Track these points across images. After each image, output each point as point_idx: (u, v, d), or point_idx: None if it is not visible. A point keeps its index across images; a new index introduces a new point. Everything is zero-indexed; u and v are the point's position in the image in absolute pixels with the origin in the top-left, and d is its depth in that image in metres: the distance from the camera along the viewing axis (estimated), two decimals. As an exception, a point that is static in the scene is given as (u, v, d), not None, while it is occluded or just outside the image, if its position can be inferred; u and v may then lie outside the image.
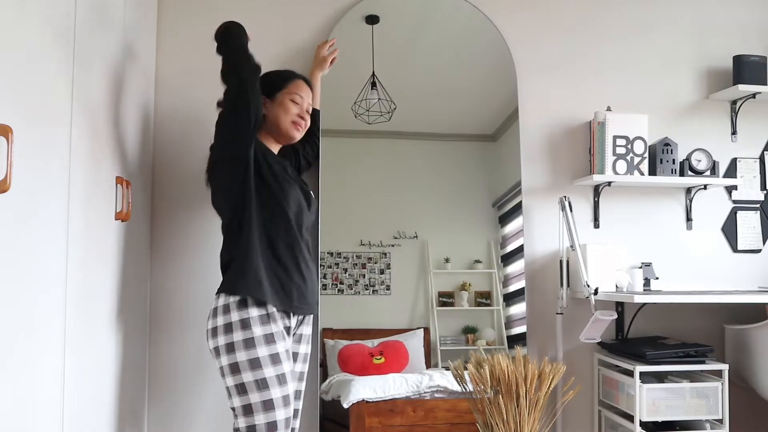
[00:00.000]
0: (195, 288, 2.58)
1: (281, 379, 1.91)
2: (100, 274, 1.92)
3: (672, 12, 3.03)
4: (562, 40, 2.95)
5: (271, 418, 1.88)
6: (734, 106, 3.02)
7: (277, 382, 1.90)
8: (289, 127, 2.17)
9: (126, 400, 2.21)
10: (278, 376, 1.90)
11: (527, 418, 2.28)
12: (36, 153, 1.42)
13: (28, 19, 1.37)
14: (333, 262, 2.72)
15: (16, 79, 1.32)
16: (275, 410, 1.88)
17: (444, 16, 2.88)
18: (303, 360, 2.16)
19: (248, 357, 1.89)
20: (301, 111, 2.18)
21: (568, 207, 2.68)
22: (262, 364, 1.89)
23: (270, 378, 1.89)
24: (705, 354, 2.59)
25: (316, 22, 2.77)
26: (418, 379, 2.59)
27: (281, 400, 1.90)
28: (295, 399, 2.06)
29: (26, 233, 1.38)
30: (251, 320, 1.92)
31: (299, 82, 2.22)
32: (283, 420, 1.90)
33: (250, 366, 1.89)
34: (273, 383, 1.89)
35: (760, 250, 3.03)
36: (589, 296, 2.55)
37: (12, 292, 1.32)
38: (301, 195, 2.13)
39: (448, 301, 2.80)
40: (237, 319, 1.92)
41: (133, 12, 2.26)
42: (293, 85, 2.19)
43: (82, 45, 1.70)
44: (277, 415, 1.88)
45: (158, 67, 2.66)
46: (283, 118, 2.16)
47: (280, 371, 1.91)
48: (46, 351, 1.52)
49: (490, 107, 2.90)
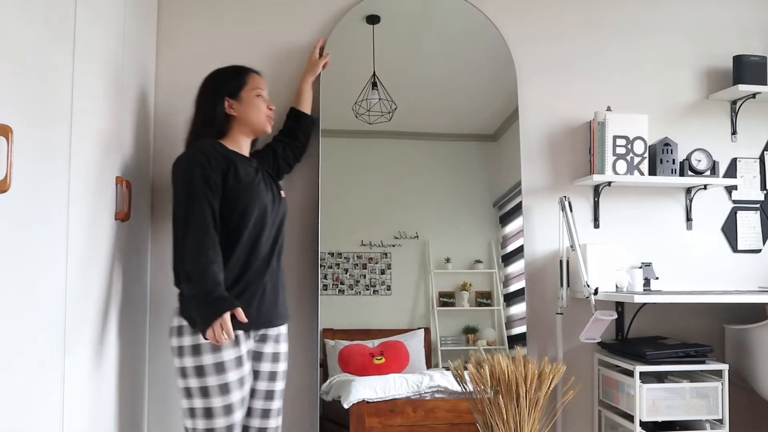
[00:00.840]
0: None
1: (227, 410, 1.95)
2: (100, 274, 1.92)
3: (672, 12, 3.03)
4: (562, 41, 2.95)
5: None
6: (734, 106, 3.02)
7: (223, 412, 1.95)
8: (264, 123, 2.22)
9: (126, 400, 2.21)
10: (225, 406, 1.94)
11: (527, 418, 2.28)
12: (36, 153, 1.42)
13: (28, 19, 1.37)
14: (334, 262, 2.72)
15: (16, 79, 1.32)
16: None
17: (444, 16, 2.87)
18: (268, 378, 2.14)
19: (198, 384, 1.94)
20: (268, 104, 2.24)
21: (568, 207, 2.68)
22: (210, 393, 1.94)
23: (216, 408, 1.94)
24: (705, 354, 2.59)
25: (316, 22, 2.77)
26: (419, 380, 2.59)
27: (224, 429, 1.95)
28: (262, 418, 2.12)
29: (26, 233, 1.38)
30: (202, 347, 1.95)
31: (255, 75, 2.25)
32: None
33: (200, 393, 1.94)
34: (219, 413, 1.94)
35: (760, 250, 3.03)
36: (589, 296, 2.55)
37: (12, 291, 1.32)
38: (269, 199, 2.13)
39: (449, 301, 2.79)
40: (188, 344, 1.96)
41: (133, 12, 2.26)
42: (252, 80, 2.22)
43: (82, 45, 1.70)
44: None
45: (158, 67, 2.66)
46: (255, 115, 2.19)
47: (228, 401, 1.95)
48: (46, 351, 1.51)
49: (490, 107, 2.90)
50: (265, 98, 2.23)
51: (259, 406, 2.13)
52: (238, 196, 2.04)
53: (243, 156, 2.17)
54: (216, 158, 2.03)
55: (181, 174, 2.02)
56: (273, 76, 2.72)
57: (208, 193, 1.97)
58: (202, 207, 1.96)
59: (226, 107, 2.16)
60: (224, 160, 2.06)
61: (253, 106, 2.18)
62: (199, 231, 1.94)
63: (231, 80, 2.19)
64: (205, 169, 1.99)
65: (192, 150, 2.08)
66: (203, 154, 2.02)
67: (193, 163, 2.01)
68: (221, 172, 2.03)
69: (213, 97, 2.17)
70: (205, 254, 1.92)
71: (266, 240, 2.10)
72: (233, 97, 2.17)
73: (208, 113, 2.16)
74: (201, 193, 1.97)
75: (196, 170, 1.99)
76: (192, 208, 1.96)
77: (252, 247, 2.06)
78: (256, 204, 2.07)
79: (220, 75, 2.22)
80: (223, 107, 2.15)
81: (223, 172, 2.03)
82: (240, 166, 2.09)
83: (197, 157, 2.02)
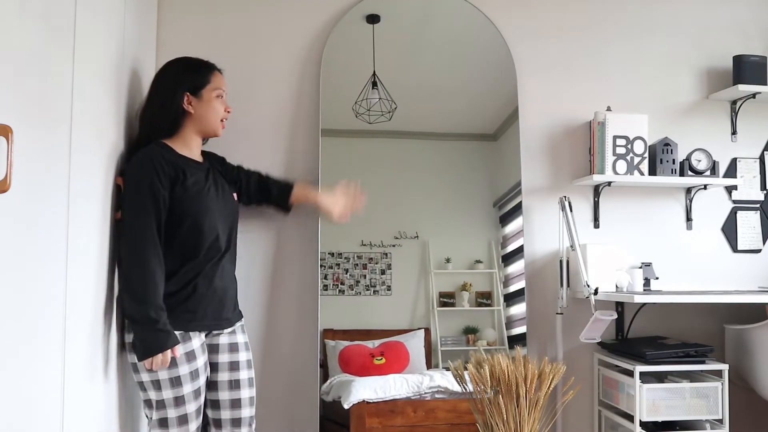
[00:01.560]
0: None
1: (178, 401, 1.98)
2: (100, 273, 1.92)
3: (672, 12, 3.03)
4: (562, 40, 2.95)
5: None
6: (734, 106, 3.02)
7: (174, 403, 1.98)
8: (218, 127, 2.17)
9: (126, 400, 2.21)
10: (176, 398, 1.98)
11: (527, 418, 2.28)
12: (36, 153, 1.42)
13: (28, 19, 1.37)
14: (334, 262, 2.71)
15: (16, 80, 1.32)
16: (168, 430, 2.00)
17: (444, 16, 2.87)
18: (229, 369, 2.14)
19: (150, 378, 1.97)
20: (226, 106, 2.18)
21: (568, 207, 2.68)
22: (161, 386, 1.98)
23: (168, 399, 1.98)
24: (705, 354, 2.59)
25: (316, 22, 2.77)
26: (419, 380, 2.59)
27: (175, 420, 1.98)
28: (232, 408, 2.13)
29: (26, 233, 1.38)
30: None
31: (219, 74, 2.19)
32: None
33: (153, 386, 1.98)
34: (170, 404, 1.98)
35: (760, 250, 3.03)
36: (589, 296, 2.55)
37: (12, 291, 1.31)
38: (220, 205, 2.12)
39: (449, 302, 2.79)
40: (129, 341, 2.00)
41: (133, 12, 2.25)
42: (215, 79, 2.16)
43: (82, 45, 1.70)
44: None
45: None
46: (213, 118, 2.14)
47: (179, 393, 1.98)
48: (47, 351, 1.51)
49: (491, 107, 2.90)
50: (223, 100, 2.17)
51: (226, 396, 2.13)
52: (186, 206, 2.02)
53: (192, 161, 2.12)
54: (164, 168, 2.00)
55: (129, 183, 1.99)
56: (272, 75, 2.72)
57: (155, 205, 1.96)
58: (148, 220, 1.95)
59: (184, 102, 2.09)
60: (172, 168, 2.02)
61: (212, 108, 2.13)
62: (145, 245, 1.93)
63: (194, 75, 2.13)
64: (153, 181, 1.96)
65: (141, 157, 2.01)
66: (152, 165, 1.98)
67: (141, 174, 1.97)
68: (170, 181, 2.00)
69: (173, 88, 2.09)
70: (151, 274, 1.92)
71: (216, 245, 2.09)
72: (194, 94, 2.11)
73: (165, 104, 2.09)
74: (149, 205, 1.96)
75: (144, 181, 1.96)
76: (139, 221, 1.95)
77: (200, 253, 2.05)
78: (205, 213, 2.05)
79: (183, 67, 2.15)
80: (181, 101, 2.09)
81: (172, 181, 2.01)
82: (189, 172, 2.06)
83: (146, 168, 1.98)
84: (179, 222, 2.02)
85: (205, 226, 2.06)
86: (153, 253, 1.94)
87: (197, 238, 2.05)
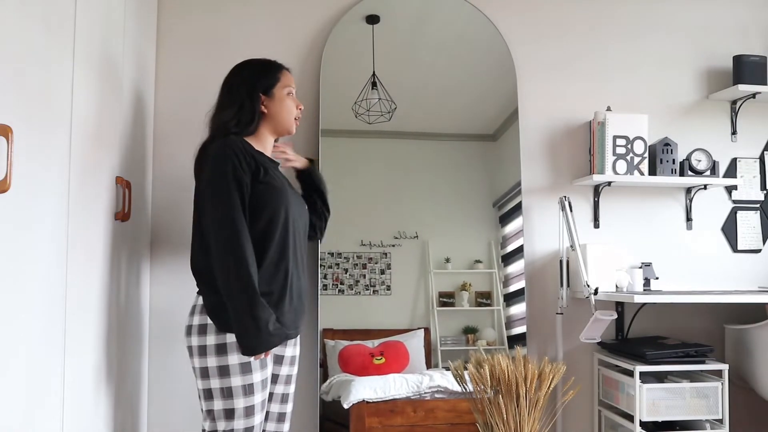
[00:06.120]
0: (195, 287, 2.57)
1: (248, 411, 1.86)
2: (100, 274, 1.92)
3: (672, 12, 3.04)
4: (562, 40, 2.95)
5: None
6: (734, 106, 3.02)
7: (244, 414, 1.85)
8: (291, 124, 2.11)
9: (126, 400, 2.21)
10: (247, 408, 1.85)
11: (527, 418, 2.28)
12: (36, 153, 1.42)
13: (28, 19, 1.37)
14: (333, 262, 2.72)
15: (16, 80, 1.32)
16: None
17: (444, 16, 2.87)
18: (285, 381, 2.06)
19: (221, 385, 1.84)
20: (298, 103, 2.14)
21: (568, 207, 2.68)
22: (233, 394, 1.84)
23: (238, 409, 1.84)
24: (705, 354, 2.59)
25: (316, 21, 2.77)
26: (419, 380, 2.59)
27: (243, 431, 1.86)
28: (278, 421, 2.04)
29: (26, 233, 1.38)
30: (228, 346, 1.85)
31: (287, 72, 2.14)
32: None
33: (221, 394, 1.85)
34: (240, 414, 1.85)
35: (760, 250, 3.03)
36: (589, 296, 2.55)
37: (11, 292, 1.31)
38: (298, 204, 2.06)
39: (449, 302, 2.79)
40: (213, 344, 1.86)
41: (133, 12, 2.26)
42: (285, 77, 2.11)
43: (82, 45, 1.70)
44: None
45: (158, 67, 2.66)
46: (286, 116, 2.08)
47: (250, 402, 1.86)
48: (46, 351, 1.51)
49: (490, 107, 2.90)
50: (294, 98, 2.12)
51: (276, 409, 2.04)
52: (267, 200, 1.92)
53: (269, 158, 2.07)
54: (246, 158, 1.92)
55: (212, 170, 1.88)
56: (273, 76, 2.72)
57: (239, 193, 1.86)
58: (235, 207, 1.84)
59: (260, 103, 2.04)
60: (253, 160, 1.94)
61: (284, 106, 2.07)
62: (235, 236, 1.81)
63: (265, 76, 2.08)
64: (236, 168, 1.87)
65: (222, 145, 1.91)
66: (233, 151, 1.90)
67: (224, 160, 1.88)
68: (250, 173, 1.91)
69: (249, 93, 2.03)
70: (247, 267, 1.80)
71: (294, 246, 1.99)
72: (266, 94, 2.05)
73: (245, 110, 2.02)
74: (234, 192, 1.85)
75: (227, 167, 1.87)
76: (226, 207, 1.84)
77: (282, 254, 1.94)
78: (287, 208, 1.96)
79: (253, 69, 2.10)
80: (258, 102, 2.03)
81: (253, 173, 1.92)
82: (269, 168, 1.99)
83: (228, 154, 1.88)
84: (258, 216, 1.91)
85: (286, 222, 1.96)
86: (248, 247, 1.82)
87: (277, 237, 1.93)
